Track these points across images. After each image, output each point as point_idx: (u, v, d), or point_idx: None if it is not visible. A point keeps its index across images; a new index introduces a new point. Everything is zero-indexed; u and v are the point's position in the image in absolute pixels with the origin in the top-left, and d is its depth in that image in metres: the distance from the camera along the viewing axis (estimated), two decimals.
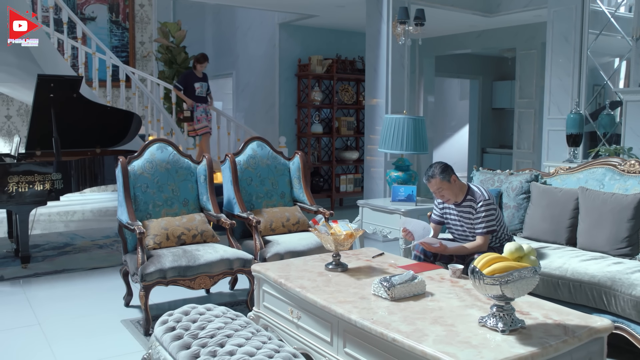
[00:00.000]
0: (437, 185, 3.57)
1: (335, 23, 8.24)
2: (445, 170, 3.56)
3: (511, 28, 8.09)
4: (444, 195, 3.61)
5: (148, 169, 4.21)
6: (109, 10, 9.42)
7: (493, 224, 3.56)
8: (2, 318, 3.94)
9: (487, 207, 3.55)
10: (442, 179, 3.55)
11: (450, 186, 3.57)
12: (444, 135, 12.84)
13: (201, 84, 7.46)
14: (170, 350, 2.35)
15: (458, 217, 3.70)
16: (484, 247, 3.53)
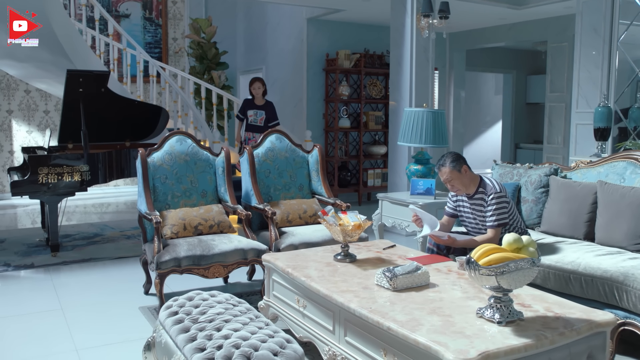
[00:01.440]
0: (447, 175, 3.57)
1: (362, 17, 8.23)
2: (456, 160, 3.56)
3: (542, 20, 7.92)
4: (454, 185, 3.61)
5: (167, 160, 4.32)
6: (143, 7, 9.64)
7: (505, 216, 3.53)
8: (28, 302, 4.11)
9: (499, 199, 3.52)
10: (452, 168, 3.54)
11: (460, 176, 3.56)
12: (478, 131, 12.67)
13: (255, 112, 6.81)
14: (171, 334, 2.42)
15: (471, 210, 3.68)
16: (494, 240, 3.49)
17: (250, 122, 6.76)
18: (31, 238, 6.06)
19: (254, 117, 6.76)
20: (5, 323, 3.77)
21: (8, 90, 8.80)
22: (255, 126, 6.76)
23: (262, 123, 6.76)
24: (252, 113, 6.77)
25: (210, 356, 2.12)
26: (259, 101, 6.77)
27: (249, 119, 6.75)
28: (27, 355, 3.24)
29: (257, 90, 6.73)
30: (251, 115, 6.76)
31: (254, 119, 6.77)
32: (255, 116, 6.79)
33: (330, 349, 2.80)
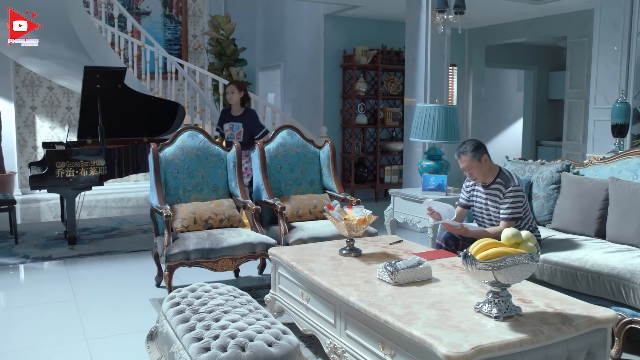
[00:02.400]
0: (466, 163, 3.55)
1: (379, 13, 8.20)
2: (477, 148, 3.53)
3: (562, 15, 7.80)
4: (473, 173, 3.59)
5: (179, 155, 4.38)
6: (163, 5, 9.76)
7: (519, 211, 3.52)
8: (43, 293, 4.21)
9: (516, 193, 3.51)
10: (472, 156, 3.53)
11: (480, 165, 3.55)
12: (499, 128, 12.51)
13: (231, 126, 5.45)
14: (172, 324, 2.46)
15: (484, 200, 3.68)
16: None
17: (227, 137, 5.42)
18: (51, 231, 6.20)
19: (230, 132, 5.42)
20: (21, 312, 3.87)
21: (32, 87, 8.99)
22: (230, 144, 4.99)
23: (241, 138, 5.37)
24: (228, 127, 5.43)
25: (206, 345, 2.16)
26: (235, 111, 5.47)
27: (225, 135, 5.45)
28: (39, 343, 3.32)
29: (230, 96, 5.42)
30: (227, 130, 5.43)
31: (230, 134, 5.42)
32: (231, 130, 5.43)
33: (331, 342, 2.82)
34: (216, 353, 2.09)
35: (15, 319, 3.75)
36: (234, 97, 5.41)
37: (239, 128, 5.40)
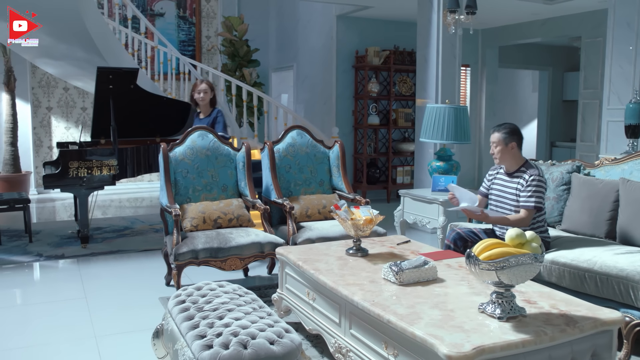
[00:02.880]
0: (495, 139, 3.64)
1: (391, 14, 8.19)
2: (510, 133, 3.60)
3: (576, 15, 7.73)
4: (495, 152, 3.65)
5: (189, 155, 4.41)
6: (177, 6, 9.83)
7: (542, 201, 3.55)
8: (54, 291, 4.27)
9: (539, 182, 3.54)
10: (502, 137, 3.61)
11: (505, 149, 3.61)
12: None
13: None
14: (177, 321, 2.49)
15: (503, 187, 3.71)
16: (526, 222, 3.51)
17: None
18: (64, 230, 6.28)
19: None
20: (34, 309, 3.93)
21: (48, 88, 9.11)
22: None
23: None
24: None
25: (209, 343, 2.18)
26: (204, 112, 5.07)
27: None
28: (50, 340, 3.37)
29: (204, 96, 5.01)
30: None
31: None
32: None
33: (336, 341, 2.82)
34: (218, 350, 2.11)
35: (28, 316, 3.81)
36: (206, 97, 5.05)
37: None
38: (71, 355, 3.19)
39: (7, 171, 8.30)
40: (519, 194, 3.58)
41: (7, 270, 4.88)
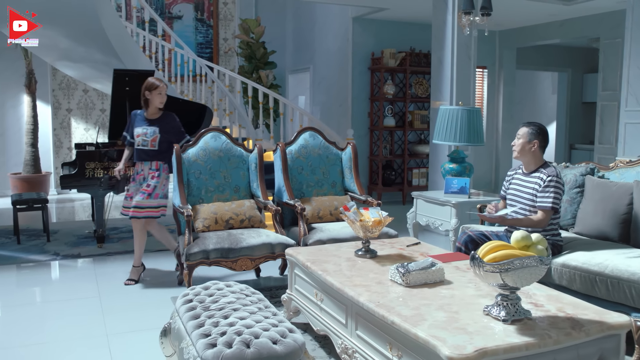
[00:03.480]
0: (521, 132, 3.68)
1: (406, 15, 8.17)
2: (536, 132, 3.63)
3: (595, 16, 7.63)
4: (516, 144, 3.68)
5: (201, 156, 4.46)
6: (195, 9, 9.93)
7: (559, 202, 3.55)
8: (69, 289, 4.34)
9: (557, 183, 3.54)
10: (528, 133, 3.64)
11: (526, 144, 3.64)
12: None
13: (145, 130, 4.46)
14: (183, 320, 2.52)
15: (520, 185, 3.72)
16: (543, 223, 3.51)
17: (138, 145, 4.47)
18: (82, 230, 6.37)
19: (142, 138, 4.44)
20: (48, 307, 4.00)
21: (68, 90, 9.27)
22: (146, 151, 4.46)
23: (156, 145, 4.45)
24: (140, 132, 4.45)
25: (213, 342, 2.20)
26: (152, 113, 4.51)
27: (137, 141, 4.48)
28: (62, 337, 3.43)
29: (160, 98, 4.50)
30: (138, 135, 4.45)
31: (142, 140, 4.44)
32: (144, 136, 4.44)
33: (342, 342, 2.83)
34: (221, 349, 2.13)
35: (42, 313, 3.88)
36: (162, 99, 4.51)
37: (154, 133, 4.46)
38: (82, 352, 3.25)
39: (28, 172, 8.45)
40: (536, 194, 3.57)
41: (25, 268, 4.98)
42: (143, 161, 4.50)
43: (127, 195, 4.60)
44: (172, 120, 4.57)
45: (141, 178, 4.51)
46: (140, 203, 4.39)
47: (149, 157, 4.48)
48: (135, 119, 4.56)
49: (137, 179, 4.55)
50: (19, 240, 5.78)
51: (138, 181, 4.53)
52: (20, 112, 8.91)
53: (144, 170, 4.51)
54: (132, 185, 4.59)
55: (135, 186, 4.53)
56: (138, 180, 4.53)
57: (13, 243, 5.77)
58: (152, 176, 4.47)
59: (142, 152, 4.47)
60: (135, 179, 4.57)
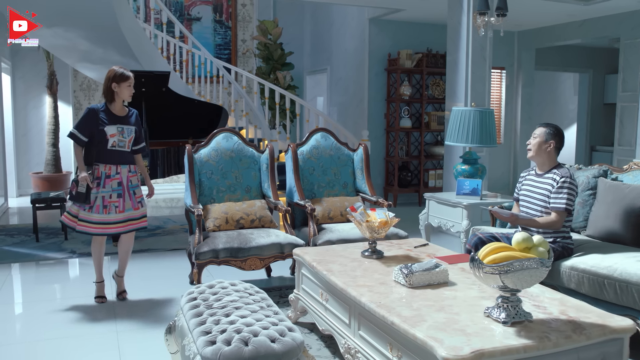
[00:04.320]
0: (538, 132, 3.70)
1: (423, 16, 8.15)
2: (553, 133, 3.65)
3: (615, 16, 7.52)
4: (532, 143, 3.69)
5: (213, 156, 4.50)
6: (213, 11, 10.02)
7: (572, 204, 3.54)
8: (80, 289, 4.41)
9: (571, 184, 3.53)
10: (545, 133, 3.66)
11: (542, 144, 3.64)
12: None
13: (121, 130, 3.92)
14: (186, 317, 2.56)
15: (532, 187, 3.71)
16: (557, 224, 3.50)
17: (112, 146, 3.89)
18: None
19: (118, 138, 3.90)
20: (61, 304, 4.08)
21: (88, 91, 9.43)
22: (123, 154, 3.96)
23: (130, 147, 4.01)
24: (115, 131, 3.88)
25: (213, 339, 2.24)
26: (120, 110, 3.98)
27: (110, 142, 3.87)
28: (72, 333, 3.50)
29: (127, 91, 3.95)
30: (112, 135, 3.87)
31: (118, 140, 3.90)
32: (120, 136, 3.91)
33: (346, 342, 2.85)
34: (220, 347, 2.16)
35: (54, 310, 3.95)
36: (132, 92, 4.00)
37: (131, 133, 3.97)
38: (91, 347, 3.30)
39: (49, 171, 8.61)
40: (549, 195, 3.55)
41: (43, 266, 5.09)
42: (119, 164, 3.92)
43: (87, 206, 3.86)
44: (138, 118, 4.10)
45: (115, 183, 3.89)
46: (132, 215, 3.98)
47: (127, 160, 3.97)
48: (96, 116, 3.85)
49: (107, 184, 3.87)
50: (38, 238, 5.90)
51: (110, 187, 3.88)
52: (42, 113, 9.09)
53: (121, 174, 3.92)
54: (97, 191, 3.85)
55: (106, 192, 3.87)
56: (109, 185, 3.88)
57: (32, 241, 5.90)
58: (134, 179, 4.01)
59: (118, 154, 3.90)
60: (103, 185, 3.86)
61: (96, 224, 3.90)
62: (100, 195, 3.87)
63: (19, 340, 3.48)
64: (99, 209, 3.87)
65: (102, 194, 3.88)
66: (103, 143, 3.86)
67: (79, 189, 3.83)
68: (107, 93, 3.93)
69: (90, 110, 3.92)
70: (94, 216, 3.87)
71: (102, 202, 3.88)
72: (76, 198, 3.84)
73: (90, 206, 3.86)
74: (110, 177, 3.90)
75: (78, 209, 3.89)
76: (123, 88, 3.91)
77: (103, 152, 3.88)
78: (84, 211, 3.87)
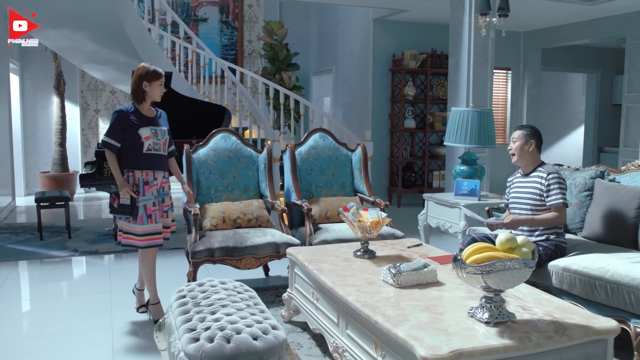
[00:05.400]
0: (516, 135, 3.75)
1: (427, 17, 8.14)
2: (531, 134, 3.70)
3: (620, 16, 7.47)
4: (513, 148, 3.74)
5: (211, 156, 4.54)
6: (220, 11, 10.08)
7: (566, 197, 3.56)
8: (82, 284, 4.48)
9: (559, 179, 3.58)
10: (523, 135, 3.71)
11: (523, 146, 3.70)
12: (562, 133, 12.08)
13: (154, 131, 3.63)
14: (174, 315, 2.58)
15: (520, 188, 3.74)
16: (561, 219, 3.53)
17: (147, 150, 3.59)
18: (103, 227, 6.54)
19: (153, 141, 3.61)
20: (59, 301, 4.14)
21: (96, 92, 9.52)
22: (160, 157, 3.68)
23: (167, 150, 3.75)
24: (151, 134, 3.60)
25: (196, 336, 2.26)
26: (149, 110, 3.69)
27: (145, 146, 3.58)
28: (68, 330, 3.55)
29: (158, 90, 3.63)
30: (148, 138, 3.58)
31: (154, 143, 3.62)
32: (155, 138, 3.63)
33: (334, 341, 2.86)
34: (203, 344, 2.19)
35: (52, 307, 4.01)
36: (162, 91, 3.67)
37: (164, 135, 3.72)
38: (85, 344, 3.35)
39: (56, 170, 8.71)
40: (538, 193, 3.59)
41: (46, 264, 5.15)
42: (156, 170, 3.63)
43: (131, 217, 3.56)
44: (166, 118, 3.83)
45: (155, 190, 3.62)
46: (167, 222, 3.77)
47: (163, 165, 3.69)
48: (127, 118, 3.55)
49: (147, 191, 3.58)
50: (42, 236, 5.98)
51: (150, 194, 3.59)
52: (50, 113, 9.19)
53: (158, 179, 3.64)
54: (138, 200, 3.56)
55: (148, 200, 3.58)
56: (150, 192, 3.60)
57: (36, 239, 5.97)
58: (166, 186, 3.74)
59: (155, 158, 3.62)
60: (143, 193, 3.57)
61: (142, 235, 3.56)
62: (142, 204, 3.54)
63: (15, 336, 3.52)
64: (143, 220, 3.54)
65: (144, 203, 3.55)
66: (138, 147, 3.55)
67: (121, 200, 3.52)
68: (137, 92, 3.57)
69: (120, 113, 3.57)
70: (137, 228, 3.55)
71: (145, 211, 3.55)
72: (120, 211, 3.55)
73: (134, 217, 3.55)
74: (149, 183, 3.59)
75: (123, 222, 3.60)
76: (154, 87, 3.58)
77: (139, 157, 3.56)
78: (127, 223, 3.57)
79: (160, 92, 3.64)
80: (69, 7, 5.89)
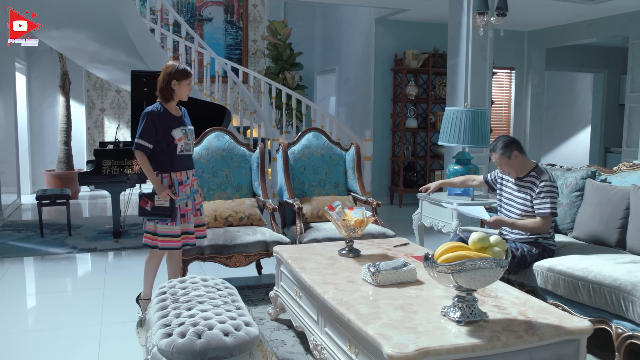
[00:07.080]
0: (496, 160, 3.66)
1: (428, 16, 8.12)
2: (507, 146, 3.60)
3: (624, 15, 7.40)
4: (504, 169, 3.69)
5: (204, 155, 4.57)
6: (225, 11, 10.13)
7: (556, 206, 3.52)
8: (76, 281, 4.54)
9: (551, 187, 3.52)
10: (502, 154, 3.61)
11: (509, 162, 3.62)
12: (568, 133, 12.00)
13: (184, 131, 3.61)
14: (153, 310, 2.62)
15: (512, 192, 3.71)
16: (544, 228, 3.48)
17: (180, 151, 3.59)
18: (103, 225, 6.61)
19: (184, 142, 3.61)
20: (52, 297, 4.19)
21: (101, 91, 9.61)
22: (190, 157, 3.72)
23: (193, 149, 3.83)
24: (182, 134, 3.59)
25: (170, 332, 2.29)
26: (176, 110, 3.66)
27: (178, 147, 3.57)
28: (57, 325, 3.60)
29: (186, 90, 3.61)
30: (180, 139, 3.58)
31: (186, 144, 3.62)
32: (186, 138, 3.62)
33: (314, 339, 2.88)
34: (175, 339, 2.22)
35: (45, 302, 4.07)
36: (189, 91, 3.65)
37: (192, 134, 3.71)
38: (73, 339, 3.39)
39: (61, 169, 8.81)
40: (529, 199, 3.54)
41: (46, 260, 5.22)
42: (188, 170, 3.65)
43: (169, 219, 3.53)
44: (188, 115, 3.78)
45: (188, 189, 3.62)
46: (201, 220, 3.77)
47: (192, 163, 3.73)
48: (159, 119, 3.49)
49: (180, 191, 3.57)
50: (42, 233, 6.05)
51: (184, 194, 3.59)
52: (56, 112, 9.30)
53: (189, 179, 3.64)
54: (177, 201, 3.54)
55: (182, 201, 3.57)
56: (183, 192, 3.59)
57: (37, 236, 6.05)
58: (195, 184, 3.72)
59: (187, 158, 3.64)
60: (177, 193, 3.55)
61: (178, 236, 3.57)
62: (176, 205, 3.54)
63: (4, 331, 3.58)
64: (177, 220, 3.54)
65: (178, 203, 3.55)
66: (171, 149, 3.52)
67: (157, 203, 3.46)
68: (166, 91, 3.52)
69: (152, 114, 3.50)
70: (175, 229, 3.52)
71: (179, 211, 3.55)
72: (158, 214, 3.48)
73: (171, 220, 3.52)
74: (183, 183, 3.58)
75: (155, 225, 3.54)
76: (183, 86, 3.54)
77: (173, 158, 3.54)
78: (165, 225, 3.52)
79: (188, 91, 3.60)
80: (70, 7, 5.96)
